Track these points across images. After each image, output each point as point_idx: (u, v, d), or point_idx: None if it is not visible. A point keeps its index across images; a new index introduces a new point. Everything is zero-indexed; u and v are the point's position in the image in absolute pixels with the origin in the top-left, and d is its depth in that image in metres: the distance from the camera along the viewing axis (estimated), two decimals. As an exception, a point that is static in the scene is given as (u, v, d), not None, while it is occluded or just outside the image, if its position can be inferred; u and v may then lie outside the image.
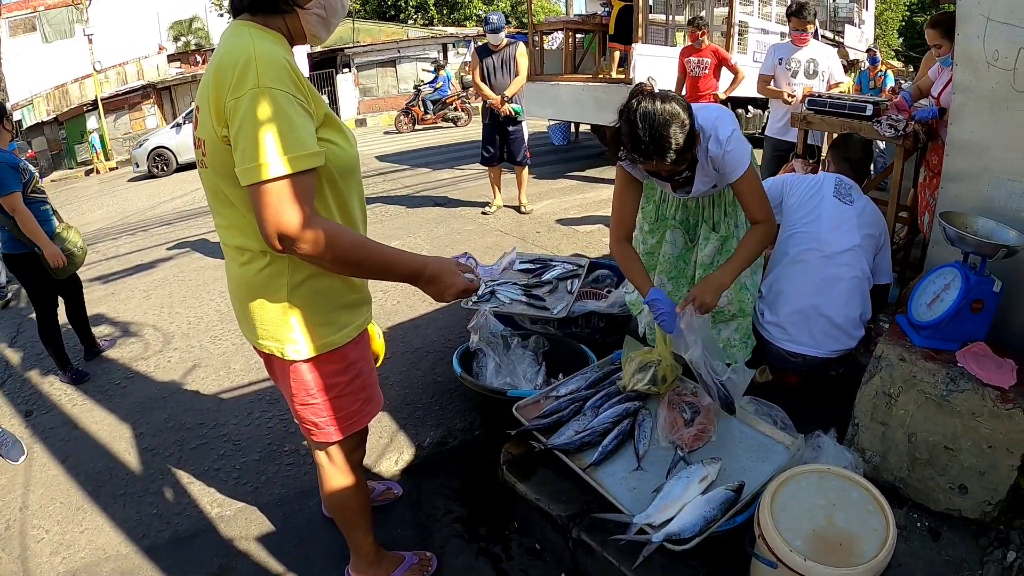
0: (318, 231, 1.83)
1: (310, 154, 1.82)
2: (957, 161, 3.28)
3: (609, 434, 2.91)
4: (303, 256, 1.88)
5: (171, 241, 9.25)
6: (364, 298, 2.38)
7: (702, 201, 3.30)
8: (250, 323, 2.21)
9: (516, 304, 4.38)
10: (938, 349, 2.97)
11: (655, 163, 2.75)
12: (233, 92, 1.76)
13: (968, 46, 3.08)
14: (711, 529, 2.37)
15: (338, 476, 2.53)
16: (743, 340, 3.43)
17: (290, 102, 1.80)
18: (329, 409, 2.32)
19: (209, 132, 1.89)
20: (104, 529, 3.40)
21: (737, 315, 3.38)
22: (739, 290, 3.32)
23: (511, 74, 8.09)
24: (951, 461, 2.87)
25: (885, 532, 2.18)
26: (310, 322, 2.16)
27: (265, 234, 1.82)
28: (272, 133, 1.75)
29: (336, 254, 1.90)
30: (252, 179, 1.76)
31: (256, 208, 1.80)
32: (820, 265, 3.49)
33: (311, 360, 2.21)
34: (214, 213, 2.16)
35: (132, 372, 5.18)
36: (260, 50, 1.79)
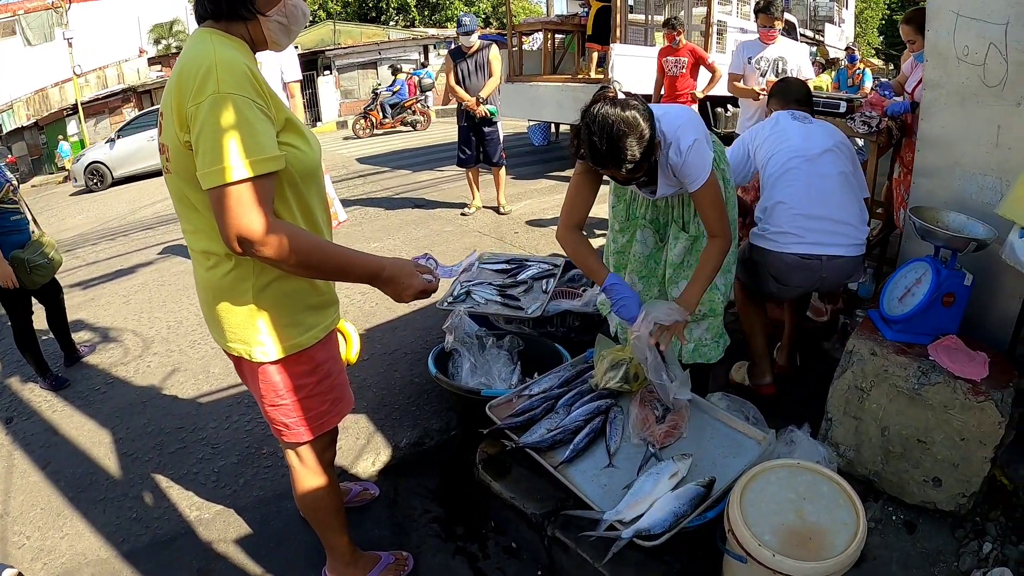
0: (278, 235, 1.85)
1: (270, 158, 1.84)
2: (928, 156, 3.30)
3: (580, 432, 2.92)
4: (263, 259, 1.89)
5: (151, 246, 9.22)
6: (330, 299, 2.39)
7: (671, 200, 3.29)
8: (218, 326, 2.22)
9: (491, 304, 4.40)
10: (910, 343, 2.99)
11: (611, 171, 2.77)
12: (194, 98, 1.78)
13: (938, 42, 3.10)
14: (681, 525, 2.37)
15: (309, 476, 2.55)
16: (715, 339, 3.42)
17: (250, 107, 1.82)
18: (298, 410, 2.33)
19: (172, 138, 1.90)
20: (84, 534, 3.39)
21: (708, 315, 3.37)
22: (710, 289, 3.26)
23: (485, 76, 8.12)
24: (924, 454, 2.89)
25: (856, 525, 2.19)
26: (277, 324, 2.17)
27: (226, 237, 1.84)
28: (233, 138, 1.77)
29: (296, 257, 1.92)
30: (213, 183, 1.78)
31: (216, 212, 1.82)
32: (806, 168, 3.52)
33: (279, 362, 2.22)
34: (180, 218, 2.17)
35: (112, 377, 5.16)
36: (220, 56, 1.81)
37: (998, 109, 2.97)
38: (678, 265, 3.32)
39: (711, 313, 3.35)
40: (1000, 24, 2.86)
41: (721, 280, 3.29)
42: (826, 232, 3.46)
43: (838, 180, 3.52)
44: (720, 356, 3.44)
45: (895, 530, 2.94)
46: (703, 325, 3.39)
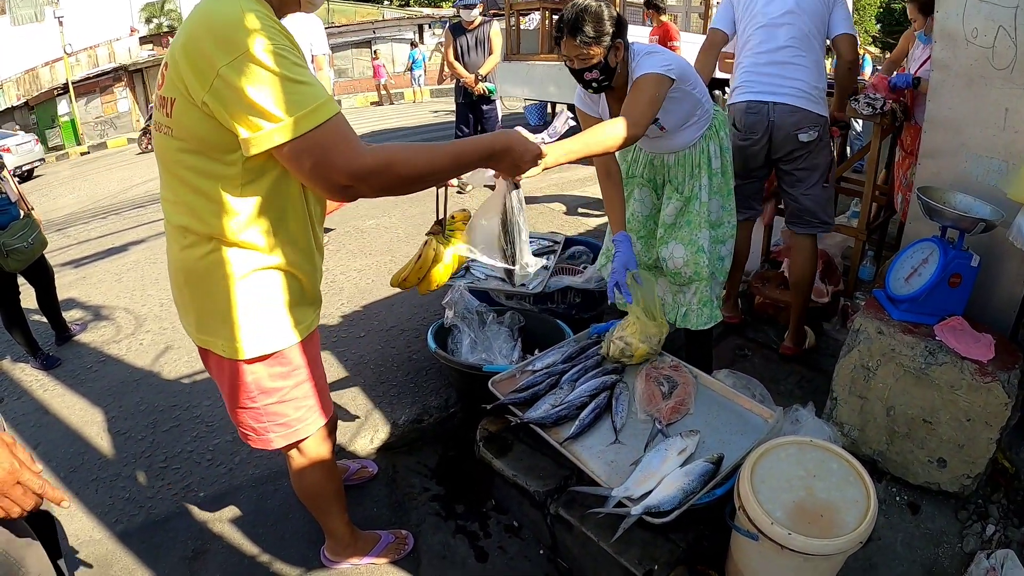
0: (378, 160, 1.74)
1: (330, 99, 1.72)
2: (935, 137, 3.29)
3: (586, 408, 2.87)
4: (376, 192, 1.78)
5: (143, 224, 9.14)
6: (315, 298, 2.25)
7: (667, 160, 3.31)
8: (190, 314, 2.08)
9: (491, 280, 4.33)
10: (916, 323, 2.99)
11: (567, 45, 2.86)
12: (227, 54, 1.62)
13: (947, 23, 3.09)
14: (691, 502, 2.33)
15: (308, 468, 2.44)
16: (700, 306, 3.39)
17: (295, 56, 1.70)
18: (270, 415, 2.19)
19: (182, 94, 1.72)
20: (77, 515, 3.33)
21: (693, 279, 3.34)
22: (695, 252, 3.27)
23: (485, 53, 7.99)
24: (929, 434, 2.89)
25: (866, 503, 2.16)
26: (255, 318, 2.01)
27: (333, 182, 1.73)
28: (297, 83, 1.66)
29: (405, 173, 1.80)
30: (297, 131, 1.65)
31: (306, 163, 1.70)
32: (762, 34, 3.77)
33: (254, 360, 2.07)
34: (163, 185, 1.99)
35: (104, 356, 5.10)
36: (247, 8, 1.66)
37: (1006, 92, 2.96)
38: (670, 225, 3.34)
39: (696, 277, 3.33)
40: (1010, 7, 2.84)
41: (708, 243, 3.28)
42: (773, 84, 3.74)
43: (793, 42, 3.73)
44: (703, 326, 3.41)
45: (899, 510, 2.94)
46: (691, 289, 3.39)
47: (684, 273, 3.33)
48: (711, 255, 3.31)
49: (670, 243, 3.34)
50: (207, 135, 1.74)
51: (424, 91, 27.65)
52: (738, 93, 3.89)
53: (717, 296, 3.44)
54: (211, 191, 1.82)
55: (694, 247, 3.27)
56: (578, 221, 7.43)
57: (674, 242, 3.32)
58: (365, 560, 2.87)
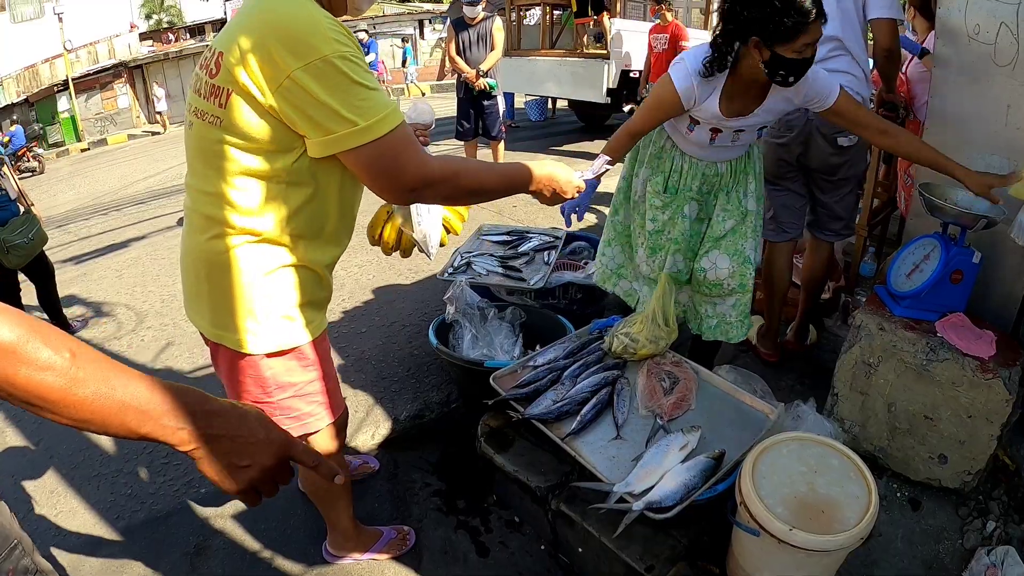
0: (445, 170, 1.83)
1: (397, 107, 1.77)
2: (936, 134, 3.28)
3: (587, 403, 2.87)
4: (438, 200, 1.90)
5: (144, 220, 9.14)
6: (329, 296, 2.26)
7: (720, 168, 3.17)
8: (204, 304, 2.04)
9: (492, 275, 4.34)
10: (917, 319, 2.99)
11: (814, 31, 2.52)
12: (303, 57, 1.63)
13: (949, 20, 3.09)
14: (692, 497, 2.33)
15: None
16: (740, 319, 3.34)
17: (364, 64, 1.74)
18: (282, 409, 2.18)
19: (242, 89, 1.71)
20: (78, 511, 3.33)
21: (736, 290, 3.27)
22: (742, 263, 3.21)
23: (487, 48, 7.99)
24: (931, 431, 2.89)
25: (867, 499, 2.16)
26: (274, 314, 2.01)
27: (404, 186, 1.80)
28: (368, 91, 1.70)
29: (469, 184, 1.90)
30: (370, 136, 1.70)
31: (384, 165, 1.76)
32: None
33: (271, 355, 2.07)
34: (193, 173, 1.97)
35: (105, 352, 5.01)
36: (319, 14, 1.68)
37: (1008, 88, 2.95)
38: (718, 238, 3.23)
39: (740, 289, 3.26)
40: (1012, 4, 2.83)
41: (752, 254, 3.25)
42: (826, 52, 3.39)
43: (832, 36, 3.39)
44: (741, 338, 3.37)
45: (900, 506, 2.95)
46: (730, 301, 3.32)
47: (727, 285, 3.25)
48: (755, 265, 3.29)
49: (712, 252, 3.25)
50: (263, 133, 1.75)
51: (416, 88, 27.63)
52: None
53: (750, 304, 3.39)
54: (254, 186, 1.83)
55: (740, 257, 3.22)
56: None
57: (717, 252, 3.24)
58: (367, 556, 2.87)
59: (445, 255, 4.52)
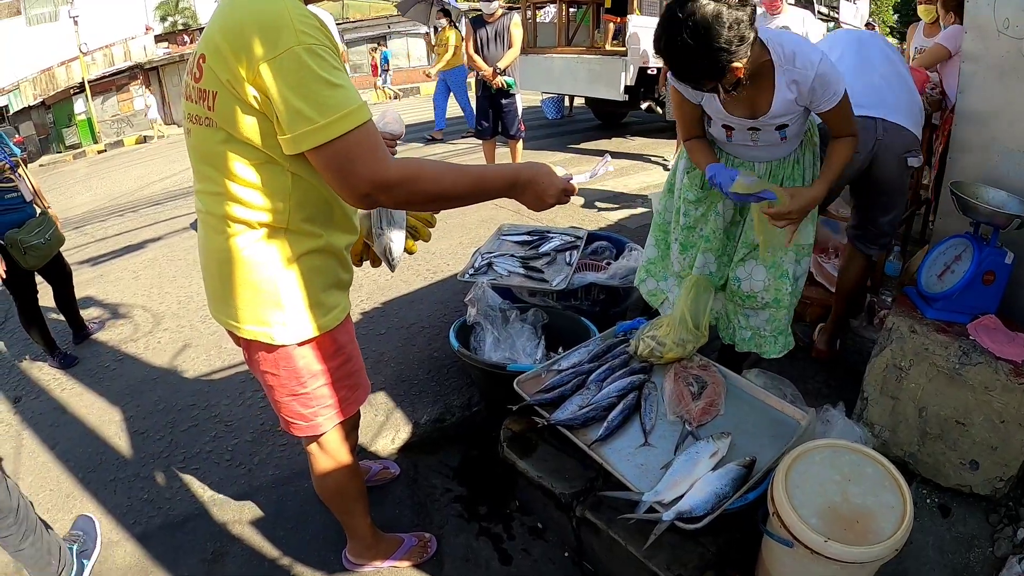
0: (403, 173, 1.74)
1: (363, 104, 1.70)
2: (965, 131, 3.24)
3: (614, 409, 2.82)
4: (396, 204, 1.80)
5: (160, 221, 9.11)
6: (351, 279, 2.26)
7: (757, 169, 3.03)
8: (231, 304, 2.03)
9: (514, 276, 4.27)
10: (949, 321, 2.93)
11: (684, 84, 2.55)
12: (270, 50, 1.61)
13: (978, 14, 3.04)
14: (723, 506, 2.29)
15: (331, 466, 2.42)
16: (774, 335, 3.23)
17: (334, 58, 1.69)
18: (318, 398, 2.20)
19: (225, 88, 1.72)
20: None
21: (771, 304, 3.17)
22: (779, 277, 3.10)
23: (505, 45, 7.97)
24: (962, 436, 2.83)
25: (902, 508, 2.11)
26: (302, 303, 2.02)
27: (355, 191, 1.71)
28: (332, 87, 1.65)
29: (429, 189, 1.79)
30: (323, 138, 1.64)
31: (334, 168, 1.68)
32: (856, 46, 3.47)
33: (302, 344, 2.08)
34: (200, 178, 1.97)
35: (122, 354, 5.08)
36: (290, 5, 1.65)
37: (1039, 84, 2.89)
38: (753, 246, 3.12)
39: (774, 304, 3.16)
40: (1043, -5, 2.79)
41: (792, 267, 3.11)
42: (879, 97, 3.28)
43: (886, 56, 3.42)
44: (777, 355, 3.26)
45: (930, 513, 2.89)
46: (764, 315, 3.23)
47: (761, 298, 3.16)
48: (794, 281, 3.15)
49: (749, 262, 3.16)
50: (254, 128, 1.74)
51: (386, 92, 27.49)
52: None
53: (790, 323, 3.27)
54: (258, 180, 1.82)
55: (778, 271, 3.11)
56: (598, 215, 7.40)
57: (755, 263, 3.14)
58: (387, 563, 2.84)
59: (465, 255, 4.47)
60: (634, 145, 11.56)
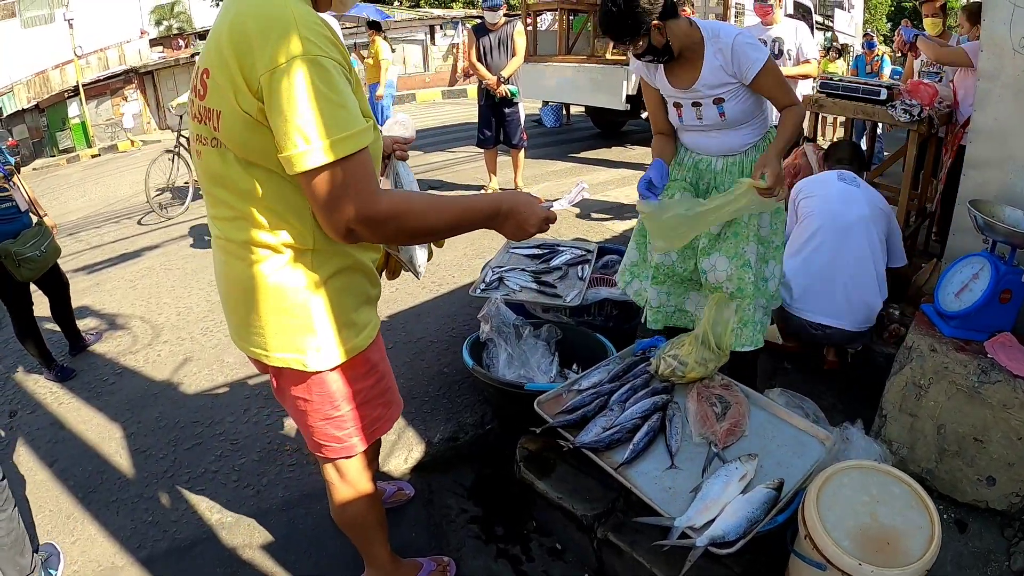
0: (394, 208, 1.66)
1: (365, 129, 1.62)
2: (980, 148, 3.26)
3: (639, 430, 2.79)
4: (378, 240, 1.72)
5: (157, 228, 9.01)
6: (380, 291, 2.17)
7: (715, 164, 3.27)
8: (258, 333, 1.94)
9: (526, 291, 4.23)
10: (966, 339, 2.97)
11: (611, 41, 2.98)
12: (271, 61, 1.52)
13: (994, 32, 3.06)
14: (755, 530, 2.28)
15: (351, 495, 2.33)
16: (742, 324, 3.25)
17: (339, 72, 1.59)
18: (353, 419, 2.11)
19: (229, 105, 1.62)
20: (97, 539, 3.24)
21: (735, 295, 3.21)
22: (741, 266, 3.18)
23: (508, 54, 7.96)
24: (979, 453, 2.86)
25: (930, 529, 2.13)
26: (335, 325, 1.93)
27: (332, 225, 1.63)
28: (327, 109, 1.54)
29: (414, 226, 1.72)
30: (309, 164, 1.54)
31: (318, 197, 1.60)
32: (834, 238, 3.63)
33: (336, 368, 1.99)
34: (214, 203, 1.87)
35: (120, 367, 5.01)
36: (297, 12, 1.56)
37: (1054, 101, 2.92)
38: (715, 236, 3.24)
39: (739, 293, 3.20)
40: (1059, 14, 2.80)
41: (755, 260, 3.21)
42: (836, 304, 3.65)
43: (862, 256, 3.64)
44: (741, 348, 3.26)
45: (947, 528, 2.91)
46: (731, 306, 3.24)
47: (725, 288, 3.22)
48: (756, 272, 3.21)
49: (713, 254, 3.23)
50: (264, 145, 1.63)
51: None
52: (798, 307, 3.73)
53: (761, 320, 3.30)
54: (278, 200, 1.74)
55: (740, 260, 3.17)
56: (600, 226, 7.39)
57: (717, 254, 3.21)
58: (407, 590, 2.78)
59: (471, 267, 4.41)
60: (634, 155, 11.56)
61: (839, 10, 20.33)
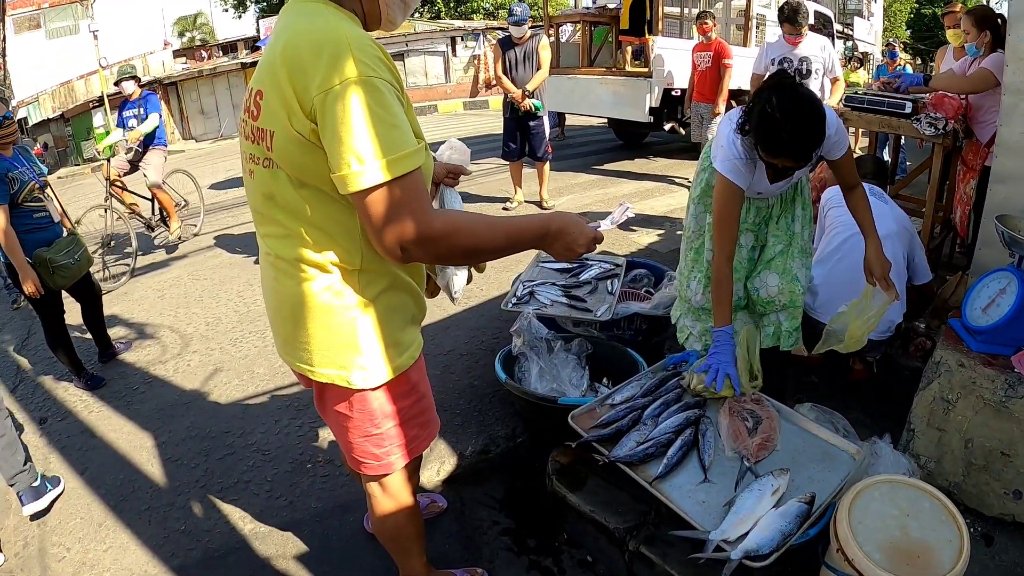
0: (445, 227, 1.65)
1: (418, 149, 1.63)
2: (1006, 163, 3.25)
3: (673, 444, 2.80)
4: (431, 259, 1.71)
5: (184, 238, 9.06)
6: (425, 310, 2.18)
7: (771, 201, 3.34)
8: (304, 348, 1.97)
9: (557, 306, 4.26)
10: (994, 354, 2.96)
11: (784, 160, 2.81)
12: (324, 81, 1.53)
13: (1019, 46, 3.05)
14: (788, 543, 2.29)
15: (393, 507, 2.34)
16: (789, 330, 3.45)
17: (391, 92, 1.61)
18: (392, 438, 2.13)
19: (282, 125, 1.64)
20: (129, 547, 3.27)
21: (788, 306, 3.39)
22: (790, 281, 3.34)
23: (533, 67, 8.02)
24: (1006, 467, 2.85)
25: (960, 542, 2.14)
26: (381, 344, 1.95)
27: (385, 245, 1.62)
28: (381, 129, 1.55)
29: (465, 245, 1.72)
30: (363, 184, 1.55)
31: (372, 217, 1.59)
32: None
33: (379, 387, 2.00)
34: (265, 221, 1.90)
35: (150, 377, 5.05)
36: (350, 33, 1.58)
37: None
38: (769, 260, 3.39)
39: (791, 304, 3.38)
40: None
41: (801, 272, 3.37)
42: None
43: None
44: (790, 347, 3.49)
45: (974, 542, 2.83)
46: (783, 315, 3.44)
47: (778, 301, 3.37)
48: (804, 282, 3.37)
49: (763, 272, 3.39)
50: (318, 165, 1.65)
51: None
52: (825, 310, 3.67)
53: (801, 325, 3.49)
54: (328, 220, 1.76)
55: (788, 275, 3.34)
56: (625, 239, 7.39)
57: (767, 271, 3.37)
58: (442, 601, 2.79)
59: (499, 280, 4.42)
60: (657, 166, 11.58)
61: (859, 19, 20.26)
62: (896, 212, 3.84)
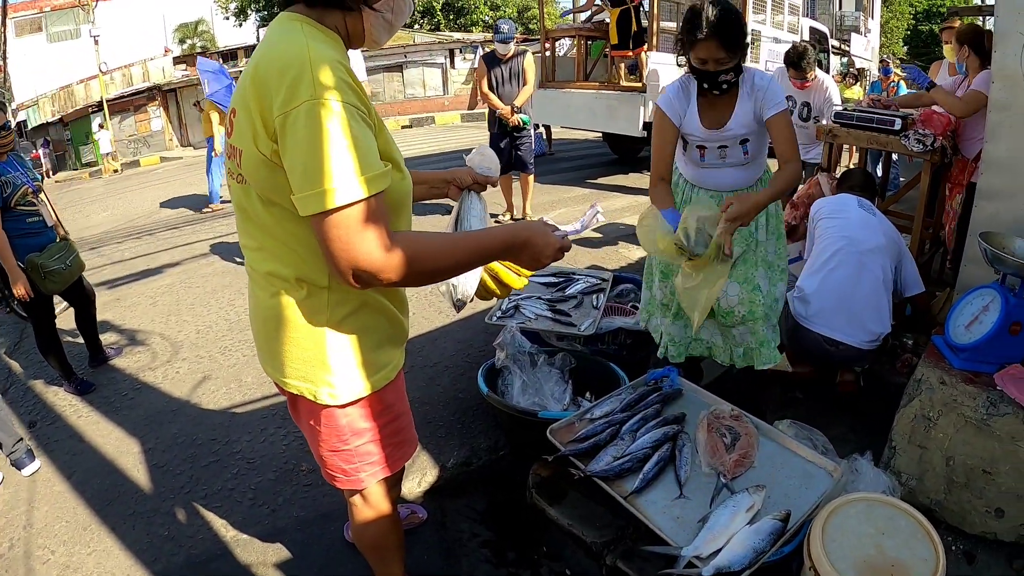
0: (400, 255, 1.61)
1: (379, 174, 1.60)
2: (992, 179, 3.26)
3: (649, 460, 2.80)
4: (390, 285, 1.67)
5: (177, 246, 9.13)
6: (405, 331, 2.18)
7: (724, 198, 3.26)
8: (277, 360, 1.97)
9: (542, 320, 4.29)
10: (976, 371, 2.95)
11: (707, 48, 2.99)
12: (284, 103, 1.53)
13: (1005, 64, 3.07)
14: (761, 561, 2.28)
15: (372, 517, 2.34)
16: (759, 345, 3.48)
17: (353, 115, 1.56)
18: (361, 455, 2.12)
19: (249, 144, 1.65)
20: (113, 551, 3.29)
21: (747, 317, 3.39)
22: (751, 290, 3.37)
23: (519, 83, 8.10)
24: (988, 484, 2.85)
25: (936, 561, 2.14)
26: (350, 363, 1.94)
27: (339, 270, 1.60)
28: (336, 153, 1.52)
29: (425, 268, 1.71)
30: (316, 208, 1.54)
31: (324, 241, 1.58)
32: (853, 262, 3.71)
33: (347, 405, 1.99)
34: (242, 232, 1.92)
35: (140, 383, 5.08)
36: (315, 53, 1.55)
37: (1066, 133, 2.93)
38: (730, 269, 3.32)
39: (750, 316, 3.39)
40: (1070, 47, 2.82)
41: (765, 284, 3.39)
42: (851, 322, 3.70)
43: (876, 279, 3.71)
44: (764, 365, 3.52)
45: (955, 560, 2.89)
46: (744, 329, 3.45)
47: (737, 312, 3.36)
48: (766, 295, 3.37)
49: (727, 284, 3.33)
50: (281, 185, 1.64)
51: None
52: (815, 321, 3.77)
53: (772, 338, 3.48)
54: (294, 239, 1.77)
55: (750, 285, 3.34)
56: (615, 253, 7.40)
57: (729, 280, 3.30)
58: (420, 612, 2.78)
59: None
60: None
61: (855, 34, 20.29)
62: (885, 225, 3.87)
